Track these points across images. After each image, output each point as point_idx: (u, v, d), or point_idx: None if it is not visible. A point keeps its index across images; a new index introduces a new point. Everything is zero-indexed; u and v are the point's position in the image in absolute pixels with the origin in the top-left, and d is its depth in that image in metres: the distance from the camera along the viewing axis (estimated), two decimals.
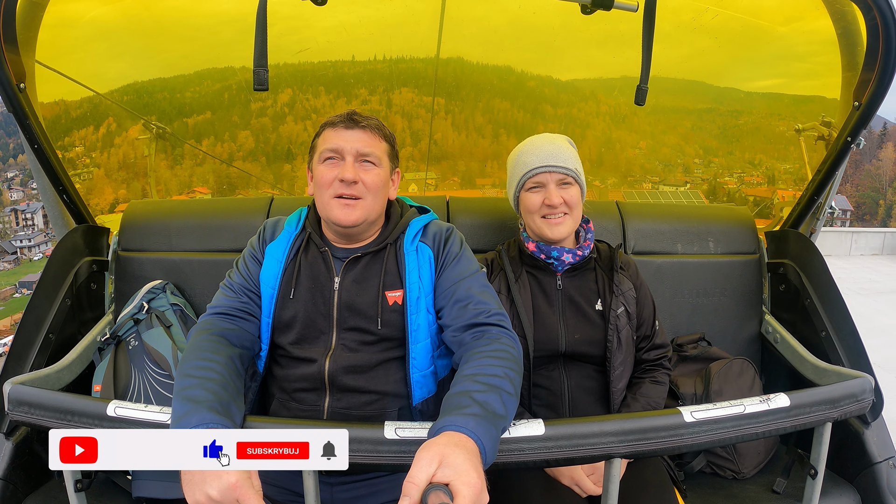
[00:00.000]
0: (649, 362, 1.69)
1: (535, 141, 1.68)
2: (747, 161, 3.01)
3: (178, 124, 2.67)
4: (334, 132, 1.41)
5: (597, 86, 2.81)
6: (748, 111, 2.82)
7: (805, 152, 2.33)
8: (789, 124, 2.30)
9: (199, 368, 1.16)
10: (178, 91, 2.52)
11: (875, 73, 1.71)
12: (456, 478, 0.85)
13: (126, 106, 2.42)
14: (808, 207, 2.21)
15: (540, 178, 1.61)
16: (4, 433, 1.57)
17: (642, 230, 2.25)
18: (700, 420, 1.14)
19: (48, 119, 2.08)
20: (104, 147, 2.55)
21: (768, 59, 2.36)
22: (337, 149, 1.39)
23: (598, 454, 1.10)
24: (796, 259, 2.15)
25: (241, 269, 1.46)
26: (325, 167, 1.40)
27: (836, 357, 1.88)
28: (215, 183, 3.06)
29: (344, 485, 1.39)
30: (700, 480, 1.85)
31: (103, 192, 2.68)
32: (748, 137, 2.95)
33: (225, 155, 2.89)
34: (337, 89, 2.72)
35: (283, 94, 2.71)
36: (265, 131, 2.86)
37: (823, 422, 1.26)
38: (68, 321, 1.91)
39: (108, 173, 2.64)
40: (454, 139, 3.06)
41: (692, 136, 3.17)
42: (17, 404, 1.15)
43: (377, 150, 1.42)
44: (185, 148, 2.78)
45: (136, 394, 1.79)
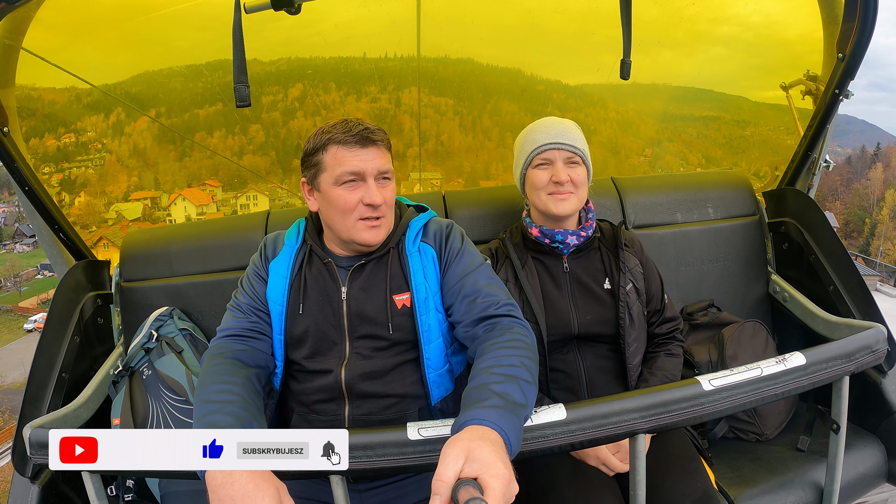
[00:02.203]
0: (662, 336, 1.69)
1: (544, 120, 1.68)
2: (752, 173, 2.99)
3: (189, 116, 2.64)
4: (349, 152, 1.33)
5: (605, 91, 2.80)
6: (755, 122, 2.81)
7: (794, 108, 2.32)
8: (797, 139, 2.30)
9: (217, 392, 1.16)
10: (189, 81, 2.48)
11: (856, 23, 1.70)
12: (484, 471, 0.85)
13: (136, 96, 2.38)
14: (802, 163, 2.21)
15: (548, 154, 1.61)
16: (30, 477, 1.57)
17: (640, 204, 2.25)
18: (719, 387, 1.15)
19: (59, 104, 2.06)
20: (115, 134, 2.53)
21: (779, 67, 2.35)
22: (358, 171, 1.33)
23: (621, 432, 1.11)
24: (797, 216, 2.15)
25: (247, 289, 1.45)
26: (344, 191, 1.34)
27: (847, 310, 1.89)
28: (225, 175, 3.04)
29: (372, 490, 1.39)
30: (724, 446, 1.86)
31: (117, 180, 2.67)
32: (755, 149, 2.94)
33: (236, 147, 2.87)
34: (347, 85, 2.69)
35: (294, 88, 2.68)
36: (275, 125, 2.82)
37: (841, 376, 1.26)
38: (79, 358, 1.90)
39: (120, 160, 2.62)
40: (461, 140, 3.04)
41: (696, 145, 3.16)
42: (39, 447, 1.15)
43: (390, 164, 1.39)
44: (196, 139, 2.75)
45: (156, 422, 1.80)
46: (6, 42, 1.67)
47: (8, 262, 45.49)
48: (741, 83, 2.61)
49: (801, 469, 1.68)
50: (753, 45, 2.26)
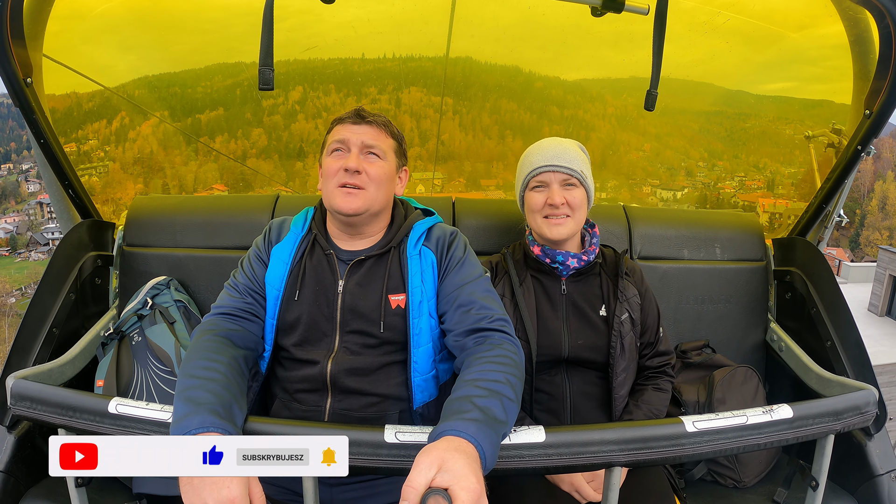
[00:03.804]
0: (652, 369, 1.68)
1: (542, 142, 1.68)
2: (752, 165, 2.98)
3: (191, 120, 2.66)
4: (343, 126, 1.45)
5: (605, 86, 2.78)
6: (756, 114, 2.79)
7: (814, 160, 2.30)
8: (797, 128, 2.28)
9: (202, 369, 1.16)
10: (189, 86, 2.51)
11: (887, 82, 1.69)
12: (455, 482, 0.85)
13: (137, 101, 2.42)
14: (816, 215, 2.19)
15: (543, 177, 1.61)
16: (7, 426, 1.57)
17: (649, 235, 2.24)
18: (702, 430, 1.13)
19: (60, 111, 2.08)
20: (118, 141, 2.55)
21: (780, 62, 2.34)
22: (343, 140, 1.43)
23: (598, 462, 1.10)
24: (803, 267, 2.13)
25: (247, 270, 1.46)
26: (331, 158, 1.44)
27: (841, 367, 1.87)
28: (230, 179, 3.07)
29: (343, 486, 1.39)
30: (700, 488, 1.84)
31: (124, 187, 2.68)
32: (754, 141, 2.92)
33: (239, 152, 2.89)
34: (347, 87, 2.71)
35: (294, 91, 2.70)
36: (277, 129, 2.85)
37: (826, 434, 1.25)
38: (72, 316, 1.91)
39: (123, 167, 2.64)
40: (461, 140, 3.04)
41: (698, 139, 3.14)
42: (19, 399, 1.16)
43: (382, 144, 1.45)
44: (199, 144, 2.77)
45: (139, 389, 1.80)
46: None
47: (25, 270, 46.01)
48: (742, 77, 2.58)
49: None
50: (754, 38, 2.24)
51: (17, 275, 44.45)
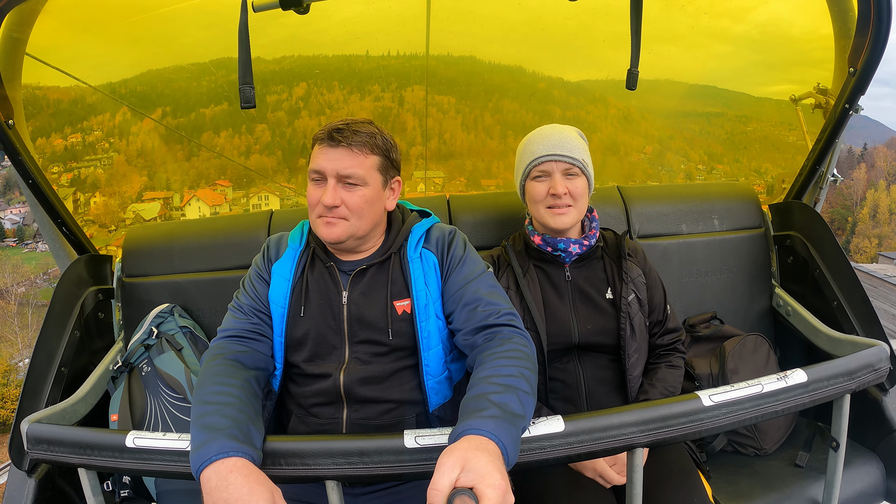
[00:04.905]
0: (663, 347, 1.68)
1: (543, 130, 1.66)
2: (753, 170, 2.97)
3: (195, 115, 2.63)
4: (319, 150, 1.36)
5: (607, 87, 2.77)
6: (758, 117, 2.79)
7: (803, 122, 2.30)
8: (799, 135, 2.28)
9: (215, 394, 1.16)
10: (193, 80, 2.48)
11: (868, 38, 1.69)
12: (480, 481, 0.85)
13: (141, 95, 2.38)
14: (810, 177, 2.19)
15: (545, 166, 1.59)
16: (26, 471, 1.57)
17: (646, 213, 2.24)
18: (719, 403, 1.14)
19: (65, 103, 2.05)
20: (122, 134, 2.52)
21: (783, 63, 2.33)
22: (319, 170, 1.35)
23: (619, 446, 1.10)
24: (802, 230, 2.14)
25: (249, 290, 1.45)
26: (311, 186, 1.38)
27: (850, 326, 1.87)
28: (234, 175, 3.04)
29: (368, 495, 1.39)
30: (722, 460, 1.85)
31: (129, 180, 2.66)
32: (756, 145, 2.91)
33: (243, 147, 2.86)
34: (351, 84, 2.68)
35: (299, 87, 2.66)
36: (281, 125, 2.83)
37: (842, 394, 1.25)
38: (79, 353, 1.90)
39: (128, 160, 2.62)
40: (463, 139, 3.02)
41: (698, 141, 3.13)
42: (36, 442, 1.16)
43: (360, 169, 1.34)
44: (202, 140, 2.75)
45: (154, 419, 1.80)
46: (13, 35, 1.66)
47: (34, 260, 45.91)
48: (744, 79, 2.58)
49: (799, 485, 1.67)
50: (757, 41, 2.24)
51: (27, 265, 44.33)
